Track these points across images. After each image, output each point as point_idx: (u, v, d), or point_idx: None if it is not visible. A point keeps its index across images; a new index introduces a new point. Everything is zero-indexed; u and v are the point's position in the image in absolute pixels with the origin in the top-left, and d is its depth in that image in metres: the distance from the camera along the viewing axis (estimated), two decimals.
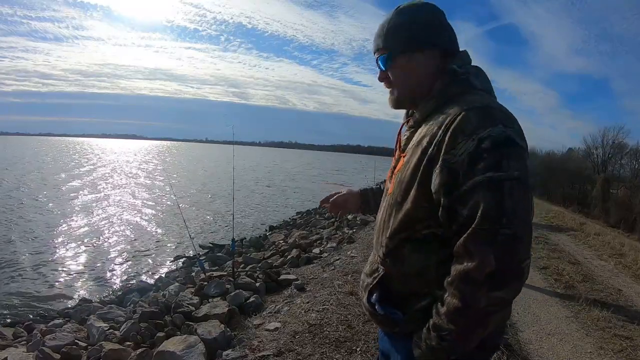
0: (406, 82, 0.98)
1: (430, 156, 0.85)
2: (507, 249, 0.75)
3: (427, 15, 0.96)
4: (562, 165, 26.38)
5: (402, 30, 0.96)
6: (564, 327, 3.36)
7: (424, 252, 0.89)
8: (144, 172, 30.22)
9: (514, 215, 0.76)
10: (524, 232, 0.77)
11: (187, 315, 3.41)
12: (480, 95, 0.89)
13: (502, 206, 0.76)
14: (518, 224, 0.76)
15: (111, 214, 12.38)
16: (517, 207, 0.76)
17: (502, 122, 0.81)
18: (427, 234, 0.88)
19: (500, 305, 0.78)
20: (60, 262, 7.39)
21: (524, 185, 0.79)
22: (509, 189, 0.76)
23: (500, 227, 0.75)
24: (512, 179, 0.77)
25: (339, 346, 2.70)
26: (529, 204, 0.80)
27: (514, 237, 0.75)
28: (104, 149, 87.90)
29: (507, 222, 0.75)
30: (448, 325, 0.81)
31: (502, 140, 0.79)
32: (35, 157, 43.07)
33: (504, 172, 0.77)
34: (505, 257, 0.75)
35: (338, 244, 6.22)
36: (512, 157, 0.78)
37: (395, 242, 0.93)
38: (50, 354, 2.91)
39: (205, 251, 8.17)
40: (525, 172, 0.80)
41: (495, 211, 0.76)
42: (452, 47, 0.97)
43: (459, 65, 0.93)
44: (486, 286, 0.76)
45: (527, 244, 0.78)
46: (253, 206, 15.31)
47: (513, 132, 0.81)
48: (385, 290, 0.98)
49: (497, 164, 0.77)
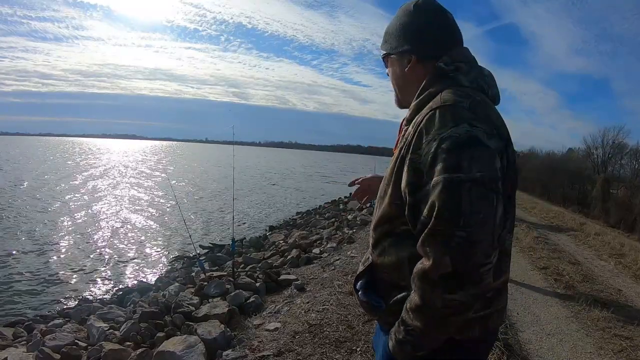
0: (395, 82, 1.05)
1: (402, 155, 0.87)
2: (462, 251, 0.73)
3: (405, 18, 0.99)
4: (562, 165, 26.37)
5: (388, 33, 1.03)
6: (564, 327, 3.36)
7: (400, 247, 0.91)
8: (144, 172, 30.21)
9: (471, 217, 0.73)
10: (482, 236, 0.74)
11: (187, 315, 3.41)
12: (459, 93, 0.87)
13: (459, 208, 0.74)
14: (475, 227, 0.73)
15: (111, 214, 12.38)
16: (475, 210, 0.74)
17: (468, 121, 0.80)
18: (404, 230, 0.89)
19: (457, 308, 0.76)
20: (60, 262, 7.38)
21: (485, 188, 0.76)
22: (467, 191, 0.74)
23: (456, 229, 0.73)
24: (472, 180, 0.75)
25: (339, 346, 2.70)
26: (491, 207, 0.76)
27: (469, 240, 0.73)
28: (104, 149, 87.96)
29: (464, 224, 0.73)
30: (412, 322, 0.82)
31: (464, 140, 0.77)
32: (42, 156, 43.27)
33: (463, 173, 0.75)
34: (461, 260, 0.73)
35: (338, 244, 6.22)
36: (474, 158, 0.76)
37: (378, 234, 0.97)
38: (50, 354, 2.91)
39: (205, 251, 8.17)
40: (489, 173, 0.77)
41: (450, 213, 0.74)
42: (433, 50, 0.95)
43: (447, 62, 0.93)
44: (440, 287, 0.75)
45: (485, 249, 0.75)
46: (253, 206, 15.31)
47: (480, 132, 0.79)
48: (372, 278, 1.01)
49: (456, 165, 0.76)
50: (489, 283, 0.76)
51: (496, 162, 0.80)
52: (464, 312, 0.77)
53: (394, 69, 1.03)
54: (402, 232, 0.90)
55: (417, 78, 0.97)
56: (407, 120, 0.98)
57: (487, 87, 0.94)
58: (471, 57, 0.98)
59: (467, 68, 0.93)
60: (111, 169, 31.91)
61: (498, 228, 0.78)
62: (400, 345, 0.87)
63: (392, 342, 0.89)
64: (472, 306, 0.77)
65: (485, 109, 0.87)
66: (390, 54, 1.03)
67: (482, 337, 0.90)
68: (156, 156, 63.56)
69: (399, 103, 1.07)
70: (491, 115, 0.87)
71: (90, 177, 23.57)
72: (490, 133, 0.81)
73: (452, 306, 0.76)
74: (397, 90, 1.06)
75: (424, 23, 0.97)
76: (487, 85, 0.95)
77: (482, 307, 0.80)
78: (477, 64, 0.97)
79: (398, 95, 1.06)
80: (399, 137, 1.03)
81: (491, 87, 0.96)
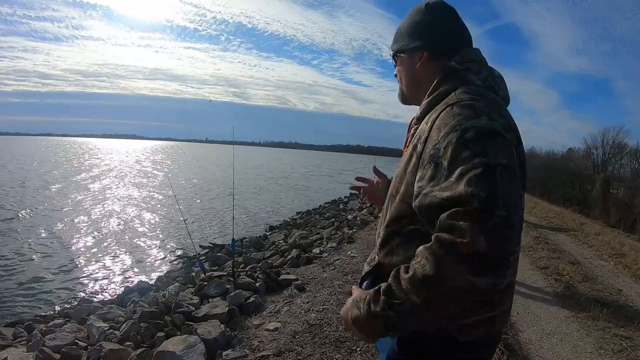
0: (403, 80, 1.05)
1: (418, 153, 0.85)
2: (499, 233, 0.68)
3: (417, 16, 1.00)
4: (562, 165, 26.38)
5: (398, 34, 1.04)
6: (564, 327, 3.36)
7: (408, 247, 0.89)
8: (144, 172, 30.21)
9: (509, 199, 0.70)
10: (517, 219, 0.71)
11: (187, 315, 3.41)
12: (472, 91, 0.87)
13: (496, 189, 0.70)
14: (512, 209, 0.70)
15: (111, 213, 12.38)
16: (510, 193, 0.71)
17: (487, 115, 0.80)
18: (413, 229, 0.88)
19: (468, 292, 0.68)
20: (60, 261, 7.38)
21: (514, 174, 0.75)
22: (500, 174, 0.72)
23: (496, 208, 0.68)
24: (502, 165, 0.73)
25: (339, 346, 2.70)
26: (518, 193, 0.75)
27: (508, 221, 0.68)
28: (105, 149, 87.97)
29: (503, 204, 0.69)
30: (406, 295, 0.72)
31: (486, 131, 0.77)
32: (46, 156, 43.42)
33: (492, 159, 0.73)
34: (497, 241, 0.67)
35: (338, 244, 6.22)
36: (498, 147, 0.76)
37: (387, 234, 0.96)
38: (50, 354, 2.91)
39: (205, 251, 8.16)
40: (513, 162, 0.76)
41: (489, 194, 0.69)
42: (444, 47, 0.96)
43: (458, 62, 0.93)
44: (469, 265, 0.67)
45: (518, 235, 0.72)
46: (253, 206, 15.31)
47: (498, 125, 0.79)
48: (378, 279, 0.99)
49: (483, 151, 0.74)
50: (507, 277, 0.70)
51: (514, 155, 0.80)
52: (470, 299, 0.70)
53: (404, 67, 1.04)
54: (410, 231, 0.89)
55: (427, 75, 0.97)
56: (417, 118, 0.98)
57: (497, 88, 0.95)
58: (482, 58, 0.98)
59: (477, 68, 0.94)
60: (113, 168, 31.91)
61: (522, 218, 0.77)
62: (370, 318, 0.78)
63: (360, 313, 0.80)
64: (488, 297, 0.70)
65: (499, 107, 0.87)
66: (400, 51, 1.03)
67: (486, 339, 0.88)
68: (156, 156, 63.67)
69: (403, 99, 1.08)
70: (504, 113, 0.87)
71: (92, 177, 23.58)
72: (506, 128, 0.81)
73: (466, 289, 0.68)
74: (405, 87, 1.06)
75: (436, 21, 0.98)
76: (498, 86, 0.95)
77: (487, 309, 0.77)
78: (487, 65, 0.97)
79: (404, 92, 1.07)
80: (408, 137, 1.03)
81: (502, 89, 0.96)
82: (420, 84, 0.99)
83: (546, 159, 28.86)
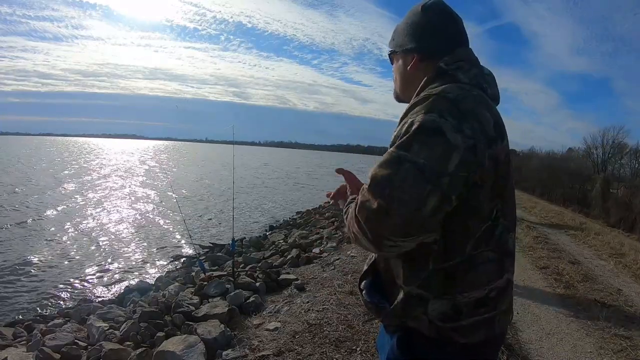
0: (397, 78, 1.08)
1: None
2: (375, 217, 0.78)
3: (412, 18, 1.02)
4: (562, 165, 26.38)
5: (396, 32, 1.07)
6: (564, 327, 3.36)
7: None
8: (144, 171, 30.21)
9: (397, 192, 0.76)
10: (400, 212, 0.75)
11: (187, 315, 3.41)
12: (452, 87, 0.87)
13: (389, 180, 0.77)
14: (398, 203, 0.75)
15: (111, 213, 12.38)
16: (404, 188, 0.76)
17: (439, 112, 0.80)
18: None
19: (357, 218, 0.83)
20: (60, 261, 7.38)
21: (424, 177, 0.75)
22: (406, 170, 0.77)
23: (379, 197, 0.77)
24: (414, 163, 0.76)
25: (339, 346, 2.70)
26: (420, 194, 0.75)
27: (385, 210, 0.76)
28: (106, 148, 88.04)
29: (388, 196, 0.76)
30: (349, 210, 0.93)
31: (426, 127, 0.79)
32: (52, 156, 43.62)
33: (410, 153, 0.78)
34: (371, 223, 0.79)
35: (338, 244, 6.22)
36: (426, 145, 0.77)
37: None
38: (50, 353, 2.91)
39: (205, 251, 8.16)
40: (434, 165, 0.76)
41: (380, 180, 0.79)
42: (436, 50, 0.97)
43: (447, 62, 0.94)
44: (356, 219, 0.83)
45: (397, 226, 0.76)
46: (253, 206, 15.30)
47: (446, 124, 0.78)
48: (375, 277, 1.01)
49: (407, 145, 0.79)
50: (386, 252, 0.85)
51: (451, 158, 0.77)
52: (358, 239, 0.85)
53: (398, 66, 1.06)
54: None
55: (418, 76, 0.99)
56: (400, 118, 0.99)
57: (486, 85, 0.95)
58: (473, 57, 0.98)
59: (468, 66, 0.94)
60: (114, 168, 31.89)
61: (423, 219, 0.77)
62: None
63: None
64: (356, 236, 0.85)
65: (474, 104, 0.84)
66: (396, 51, 1.06)
67: (489, 340, 0.89)
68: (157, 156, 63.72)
69: (397, 97, 1.12)
70: (478, 111, 0.84)
71: (90, 177, 23.56)
72: (459, 129, 0.79)
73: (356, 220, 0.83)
74: (398, 86, 1.09)
75: (430, 24, 0.99)
76: (487, 83, 0.96)
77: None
78: (478, 64, 0.98)
79: (397, 91, 1.10)
80: None
81: (490, 86, 0.96)
82: (411, 83, 1.02)
83: (546, 159, 28.88)
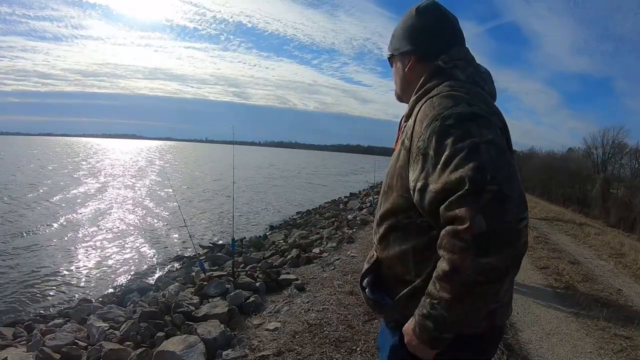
0: (397, 80, 1.11)
1: (406, 148, 0.89)
2: (496, 207, 0.69)
3: (408, 21, 1.04)
4: (562, 165, 26.40)
5: (393, 36, 1.09)
6: (564, 327, 3.36)
7: (403, 240, 0.92)
8: (144, 172, 30.21)
9: (498, 172, 0.72)
10: (511, 189, 0.71)
11: (187, 315, 3.40)
12: (455, 84, 0.90)
13: (483, 165, 0.72)
14: (503, 181, 0.71)
15: (111, 213, 12.38)
16: (499, 165, 0.73)
17: (465, 102, 0.82)
18: (408, 222, 0.90)
19: (491, 274, 0.69)
20: (60, 261, 7.38)
21: (501, 148, 0.76)
22: (486, 150, 0.74)
23: (485, 183, 0.70)
24: (487, 141, 0.75)
25: (339, 346, 2.70)
26: (511, 163, 0.76)
27: (500, 194, 0.69)
28: (108, 149, 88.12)
29: (492, 179, 0.70)
30: (439, 293, 0.75)
31: (466, 114, 0.79)
32: (57, 156, 43.77)
33: (476, 137, 0.76)
34: (495, 216, 0.69)
35: (338, 244, 6.22)
36: (481, 125, 0.78)
37: (383, 230, 0.98)
38: (50, 354, 2.91)
39: (205, 251, 8.16)
40: (498, 138, 0.78)
41: (475, 171, 0.71)
42: (431, 51, 1.00)
43: (444, 60, 0.97)
44: (473, 250, 0.69)
45: (517, 203, 0.71)
46: (253, 206, 15.30)
47: (478, 109, 0.81)
48: (377, 275, 1.02)
49: (467, 133, 0.76)
50: (526, 242, 0.72)
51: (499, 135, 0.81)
52: (501, 278, 0.70)
53: (397, 68, 1.09)
54: (406, 225, 0.91)
55: (416, 77, 1.01)
56: (406, 116, 1.01)
57: (483, 83, 0.97)
58: (470, 56, 1.01)
59: (464, 65, 0.97)
60: (111, 168, 31.90)
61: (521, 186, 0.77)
62: (423, 321, 0.78)
63: (414, 321, 0.81)
64: (510, 271, 0.71)
65: (481, 96, 0.90)
66: (394, 55, 1.09)
67: (489, 333, 0.90)
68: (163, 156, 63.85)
69: (398, 98, 1.14)
70: (488, 101, 0.90)
71: (90, 177, 23.56)
72: (488, 111, 0.83)
73: (486, 271, 0.69)
74: (398, 87, 1.11)
75: (425, 26, 1.01)
76: (484, 81, 0.98)
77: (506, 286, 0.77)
78: (474, 62, 1.00)
79: (398, 92, 1.12)
80: (399, 134, 1.06)
81: (487, 84, 0.99)
82: (410, 84, 1.04)
83: (546, 159, 28.90)
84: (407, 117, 0.99)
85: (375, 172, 17.12)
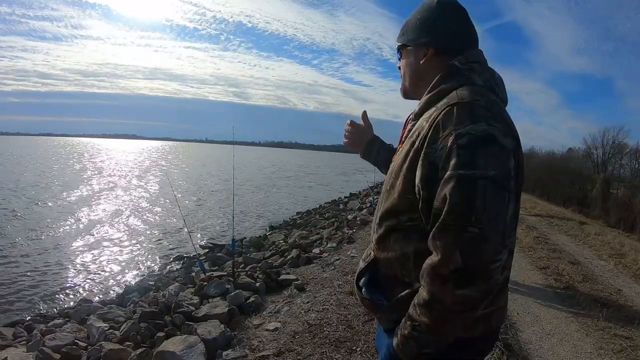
0: (406, 74, 1.05)
1: (416, 149, 0.87)
2: (473, 247, 0.73)
3: (427, 12, 1.00)
4: (562, 165, 26.40)
5: (406, 27, 1.04)
6: (564, 327, 3.36)
7: (405, 242, 0.91)
8: (144, 172, 30.21)
9: (484, 214, 0.74)
10: (493, 233, 0.74)
11: (187, 315, 3.41)
12: (475, 91, 0.88)
13: (472, 204, 0.74)
14: (487, 224, 0.74)
15: (111, 214, 12.38)
16: (488, 207, 0.74)
17: (485, 120, 0.80)
18: (410, 225, 0.89)
19: (466, 304, 0.76)
20: (60, 261, 7.38)
21: (500, 187, 0.76)
22: (482, 188, 0.75)
23: (468, 224, 0.74)
24: (486, 178, 0.75)
25: (339, 346, 2.70)
26: (503, 205, 0.76)
27: (481, 236, 0.73)
28: (108, 149, 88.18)
29: (476, 220, 0.73)
30: (419, 317, 0.81)
31: (481, 137, 0.78)
32: (62, 157, 43.78)
33: (478, 170, 0.75)
34: (471, 255, 0.73)
35: (338, 244, 6.22)
36: (490, 155, 0.77)
37: (383, 230, 0.96)
38: (50, 354, 2.91)
39: (205, 251, 8.16)
40: (503, 173, 0.77)
41: (463, 208, 0.74)
42: (451, 45, 0.97)
43: (461, 61, 0.94)
44: (450, 282, 0.75)
45: (496, 246, 0.75)
46: (253, 206, 15.30)
47: (497, 130, 0.80)
48: (373, 274, 1.01)
49: (472, 162, 0.76)
50: (497, 280, 0.76)
51: (510, 161, 0.80)
52: (473, 308, 0.77)
53: (409, 60, 1.03)
54: (408, 227, 0.90)
55: (431, 71, 0.97)
56: (415, 114, 0.98)
57: (498, 89, 0.95)
58: (484, 59, 0.98)
59: (480, 69, 0.94)
60: (111, 168, 31.92)
61: (509, 227, 0.78)
62: (405, 340, 0.85)
63: (397, 339, 0.87)
64: (481, 303, 0.77)
65: (500, 108, 0.88)
66: (406, 45, 1.03)
67: (485, 336, 0.90)
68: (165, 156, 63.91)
69: (405, 94, 1.08)
70: (505, 115, 0.87)
71: (90, 177, 23.57)
72: (506, 133, 0.82)
73: (461, 302, 0.76)
74: (407, 82, 1.06)
75: (445, 18, 0.98)
76: (498, 87, 0.96)
77: (486, 304, 0.79)
78: (488, 67, 0.98)
79: (406, 86, 1.07)
80: (404, 132, 1.04)
81: (501, 90, 0.97)
82: (422, 79, 1.00)
83: (546, 159, 28.89)
84: (417, 116, 0.96)
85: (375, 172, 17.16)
